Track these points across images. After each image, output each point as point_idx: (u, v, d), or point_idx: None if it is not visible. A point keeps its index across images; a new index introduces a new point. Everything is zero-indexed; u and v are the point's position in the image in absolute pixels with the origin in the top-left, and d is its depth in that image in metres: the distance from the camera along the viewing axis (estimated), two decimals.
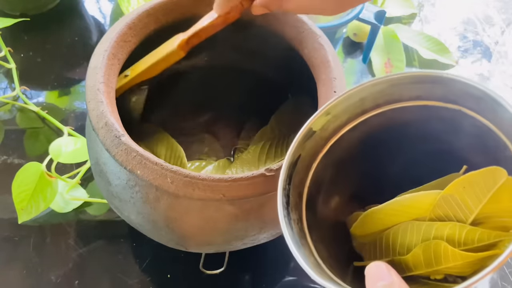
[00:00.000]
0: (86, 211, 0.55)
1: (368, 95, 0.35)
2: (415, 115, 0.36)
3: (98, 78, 0.39)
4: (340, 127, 0.37)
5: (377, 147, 0.38)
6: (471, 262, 0.31)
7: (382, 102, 0.36)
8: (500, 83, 0.72)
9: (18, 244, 0.53)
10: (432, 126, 0.36)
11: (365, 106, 0.36)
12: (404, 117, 0.36)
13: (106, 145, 0.36)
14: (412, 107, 0.36)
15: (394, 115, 0.36)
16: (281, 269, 0.53)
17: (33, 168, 0.52)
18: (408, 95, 0.35)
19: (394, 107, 0.36)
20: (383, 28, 0.71)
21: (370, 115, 0.36)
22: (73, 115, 0.63)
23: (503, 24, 0.80)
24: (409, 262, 0.34)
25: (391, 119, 0.37)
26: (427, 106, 0.35)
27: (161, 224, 0.39)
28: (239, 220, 0.38)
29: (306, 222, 0.35)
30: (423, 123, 0.36)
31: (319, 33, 0.44)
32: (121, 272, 0.51)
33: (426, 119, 0.36)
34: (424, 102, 0.35)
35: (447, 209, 0.33)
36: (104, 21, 0.75)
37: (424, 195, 0.34)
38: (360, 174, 0.40)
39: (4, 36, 0.65)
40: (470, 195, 0.31)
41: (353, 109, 0.36)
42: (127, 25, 0.42)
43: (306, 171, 0.36)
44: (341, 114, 0.36)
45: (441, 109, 0.35)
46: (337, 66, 0.42)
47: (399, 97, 0.35)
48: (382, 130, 0.37)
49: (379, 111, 0.36)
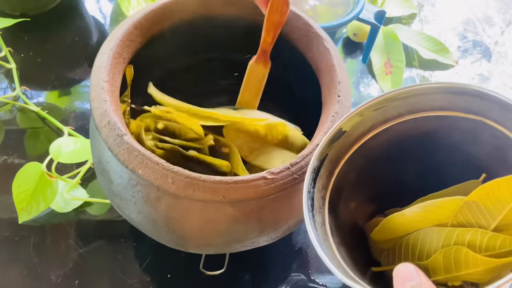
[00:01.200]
0: (86, 211, 0.55)
1: (390, 104, 0.36)
2: (436, 124, 0.36)
3: (102, 76, 0.39)
4: (364, 134, 0.37)
5: (398, 155, 0.39)
6: (491, 268, 0.31)
7: (404, 112, 0.36)
8: (500, 83, 0.72)
9: (18, 244, 0.53)
10: (453, 135, 0.36)
11: (387, 115, 0.36)
12: (425, 126, 0.37)
13: (109, 143, 0.36)
14: (434, 117, 0.36)
15: (416, 124, 0.37)
16: (281, 271, 0.53)
17: (33, 168, 0.52)
18: (430, 105, 0.35)
19: (416, 116, 0.36)
20: (383, 28, 0.72)
21: (393, 123, 0.37)
22: (73, 115, 0.63)
23: (503, 24, 0.80)
24: (428, 267, 0.34)
25: (413, 128, 0.37)
26: (448, 116, 0.35)
27: (162, 224, 0.39)
28: (239, 222, 0.38)
29: (329, 226, 0.35)
30: (444, 132, 0.37)
31: (325, 36, 0.44)
32: (121, 272, 0.51)
33: (447, 128, 0.36)
34: (446, 112, 0.35)
35: (470, 215, 0.33)
36: (104, 21, 0.75)
37: (448, 201, 0.34)
38: (380, 181, 0.40)
39: (4, 36, 0.65)
40: (493, 201, 0.32)
41: (377, 117, 0.36)
42: (133, 25, 0.42)
43: (329, 176, 0.36)
44: (366, 121, 0.36)
45: (462, 120, 0.35)
46: (342, 70, 0.42)
47: (422, 107, 0.36)
48: (403, 138, 0.38)
49: (401, 120, 0.37)
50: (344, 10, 0.62)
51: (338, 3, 0.63)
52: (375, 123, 0.37)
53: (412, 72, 0.72)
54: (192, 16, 0.45)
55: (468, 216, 0.33)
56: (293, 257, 0.54)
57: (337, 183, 0.37)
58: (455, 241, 0.33)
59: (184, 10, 0.44)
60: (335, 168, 0.36)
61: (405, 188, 0.38)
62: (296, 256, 0.54)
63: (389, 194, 0.39)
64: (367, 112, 0.36)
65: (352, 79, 0.71)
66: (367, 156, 0.38)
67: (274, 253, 0.53)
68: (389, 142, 0.38)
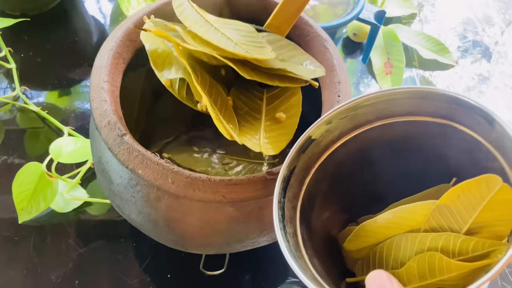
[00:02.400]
0: (86, 211, 0.55)
1: (359, 111, 0.35)
2: (405, 130, 0.36)
3: (102, 76, 0.39)
4: (333, 141, 0.37)
5: (369, 162, 0.38)
6: (465, 273, 0.31)
7: (373, 118, 0.36)
8: (500, 83, 0.72)
9: (18, 244, 0.53)
10: (422, 140, 0.36)
11: (356, 122, 0.36)
12: (394, 132, 0.37)
13: (109, 144, 0.36)
14: (402, 122, 0.36)
15: (385, 130, 0.37)
16: (281, 271, 0.53)
17: (33, 168, 0.52)
18: (399, 111, 0.35)
19: (385, 122, 0.36)
20: (383, 28, 0.72)
21: (362, 130, 0.37)
22: (73, 115, 0.63)
23: (503, 24, 0.80)
24: (403, 275, 0.33)
25: (382, 134, 0.37)
26: (417, 121, 0.35)
27: (162, 224, 0.39)
28: (239, 222, 0.38)
29: (301, 236, 0.34)
30: (413, 138, 0.36)
31: (325, 36, 0.44)
32: (121, 272, 0.52)
33: (416, 133, 0.36)
34: (415, 117, 0.35)
35: (442, 219, 0.33)
36: (104, 21, 0.75)
37: (419, 206, 0.33)
38: (352, 189, 0.40)
39: (4, 36, 0.65)
40: (464, 204, 0.31)
41: (345, 124, 0.36)
42: (133, 24, 0.42)
43: (300, 185, 0.36)
44: (334, 129, 0.36)
45: (430, 124, 0.35)
46: (342, 70, 0.42)
47: (391, 113, 0.36)
48: (373, 145, 0.38)
49: (370, 126, 0.36)
50: (344, 10, 0.62)
51: (338, 3, 0.63)
52: (344, 130, 0.36)
53: (412, 72, 0.73)
54: None
55: (440, 220, 0.33)
56: None
57: (309, 193, 0.36)
58: (429, 247, 0.32)
59: None
60: (306, 177, 0.36)
61: (378, 195, 0.38)
62: None
63: (362, 202, 0.39)
64: (335, 119, 0.35)
65: (352, 79, 0.72)
66: (338, 164, 0.37)
67: (274, 253, 0.53)
68: (359, 149, 0.37)
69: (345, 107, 0.35)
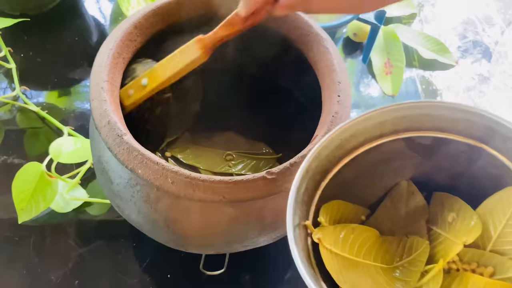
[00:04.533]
0: (86, 211, 0.55)
1: (388, 119, 0.35)
2: (431, 145, 0.36)
3: (102, 76, 0.39)
4: (356, 147, 0.36)
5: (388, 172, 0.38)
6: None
7: (401, 129, 0.35)
8: (500, 83, 0.72)
9: (18, 244, 0.53)
10: (448, 157, 0.36)
11: (383, 130, 0.35)
12: (419, 146, 0.36)
13: (108, 143, 0.36)
14: (431, 138, 0.35)
15: (410, 143, 0.36)
16: (281, 271, 0.53)
17: (33, 168, 0.52)
18: (429, 125, 0.35)
19: (412, 135, 0.35)
20: (383, 28, 0.71)
21: (387, 140, 0.36)
22: (73, 115, 0.63)
23: (503, 24, 0.80)
24: None
25: (407, 147, 0.36)
26: (446, 139, 0.35)
27: (161, 224, 0.39)
28: (239, 222, 0.38)
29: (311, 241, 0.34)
30: (438, 154, 0.36)
31: (325, 36, 0.44)
32: (121, 272, 0.51)
33: (442, 150, 0.35)
34: (445, 134, 0.35)
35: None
36: (104, 21, 0.75)
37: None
38: (367, 197, 0.39)
39: (4, 36, 0.65)
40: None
41: (372, 131, 0.35)
42: (133, 25, 0.42)
43: (315, 188, 0.35)
44: (359, 134, 0.35)
45: (460, 144, 0.34)
46: (342, 70, 0.42)
47: (419, 126, 0.35)
48: (395, 157, 0.37)
49: (396, 137, 0.36)
50: None
51: None
52: (369, 137, 0.36)
53: (412, 72, 0.72)
54: (190, 16, 0.45)
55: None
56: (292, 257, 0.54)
57: (324, 196, 0.36)
58: None
59: (183, 10, 0.44)
60: (322, 180, 0.35)
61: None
62: None
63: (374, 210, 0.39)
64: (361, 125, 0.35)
65: (352, 79, 0.71)
66: (357, 171, 0.37)
67: (274, 253, 0.53)
68: (380, 159, 0.37)
69: (375, 113, 0.34)
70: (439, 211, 0.38)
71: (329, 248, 0.33)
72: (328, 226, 0.35)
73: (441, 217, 0.37)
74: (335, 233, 0.35)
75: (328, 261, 0.33)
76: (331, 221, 0.36)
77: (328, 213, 0.35)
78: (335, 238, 0.34)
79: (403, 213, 0.39)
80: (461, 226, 0.35)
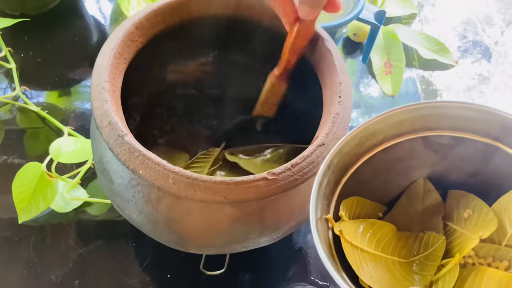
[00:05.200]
0: (86, 211, 0.55)
1: (407, 118, 0.35)
2: (448, 144, 0.36)
3: (103, 76, 0.39)
4: (375, 145, 0.37)
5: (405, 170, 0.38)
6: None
7: (419, 128, 0.36)
8: (500, 83, 0.72)
9: (18, 244, 0.53)
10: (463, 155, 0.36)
11: (402, 129, 0.36)
12: (436, 145, 0.37)
13: (110, 144, 0.36)
14: (448, 137, 0.36)
15: (427, 142, 0.37)
16: (281, 271, 0.53)
17: (33, 168, 0.52)
18: (446, 125, 0.35)
19: (429, 134, 0.36)
20: (383, 28, 0.71)
21: (405, 138, 0.36)
22: (73, 115, 0.63)
23: (503, 24, 0.80)
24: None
25: (424, 145, 0.37)
26: (463, 138, 0.35)
27: (162, 224, 0.39)
28: (240, 223, 0.38)
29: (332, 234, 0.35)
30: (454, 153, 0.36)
31: (326, 37, 0.44)
32: (121, 272, 0.51)
33: (459, 149, 0.36)
34: (462, 133, 0.35)
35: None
36: (104, 21, 0.75)
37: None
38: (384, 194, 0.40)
39: (4, 36, 0.65)
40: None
41: (390, 130, 0.36)
42: (134, 25, 0.42)
43: (337, 183, 0.36)
44: (379, 133, 0.36)
45: (477, 143, 0.35)
46: (343, 70, 0.42)
47: (437, 125, 0.35)
48: (411, 155, 0.37)
49: (414, 136, 0.36)
50: (344, 10, 0.62)
51: None
52: (388, 136, 0.36)
53: (412, 72, 0.72)
54: (192, 16, 0.45)
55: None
56: (293, 258, 0.54)
57: (344, 192, 0.36)
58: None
59: (185, 10, 0.44)
60: (343, 176, 0.36)
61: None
62: (296, 256, 0.54)
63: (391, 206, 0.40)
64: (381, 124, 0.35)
65: (352, 79, 0.71)
66: (375, 168, 0.37)
67: (274, 254, 0.53)
68: (397, 157, 0.37)
69: (395, 112, 0.35)
70: (455, 208, 0.38)
71: (349, 241, 0.34)
72: (348, 220, 0.36)
73: (457, 214, 0.38)
74: (354, 227, 0.36)
75: (349, 253, 0.34)
76: (350, 216, 0.37)
77: (348, 208, 0.36)
78: (355, 232, 0.35)
79: (419, 210, 0.39)
80: (477, 222, 0.36)
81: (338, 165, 0.35)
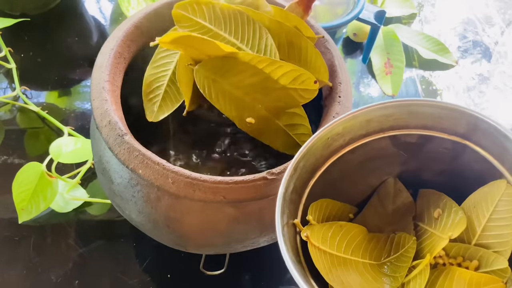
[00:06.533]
0: (86, 211, 0.55)
1: (374, 118, 0.35)
2: (416, 143, 0.36)
3: (103, 76, 0.39)
4: (342, 146, 0.36)
5: (374, 170, 0.38)
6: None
7: (386, 127, 0.36)
8: (500, 83, 0.72)
9: (18, 244, 0.53)
10: (432, 154, 0.36)
11: (369, 129, 0.36)
12: (404, 144, 0.36)
13: (109, 143, 0.36)
14: (416, 135, 0.36)
15: (396, 141, 0.36)
16: (281, 271, 0.53)
17: (33, 168, 0.52)
18: (414, 123, 0.35)
19: (397, 133, 0.36)
20: (383, 28, 0.72)
21: (372, 138, 0.36)
22: (73, 115, 0.63)
23: (503, 24, 0.80)
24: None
25: (392, 144, 0.37)
26: (431, 136, 0.35)
27: (162, 224, 0.39)
28: (239, 223, 0.38)
29: (300, 239, 0.34)
30: (422, 151, 0.36)
31: (326, 37, 0.44)
32: (121, 272, 0.51)
33: (427, 147, 0.36)
34: (430, 132, 0.35)
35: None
36: (104, 21, 0.75)
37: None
38: (353, 195, 0.40)
39: (4, 36, 0.65)
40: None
41: (357, 130, 0.36)
42: (134, 25, 0.42)
43: (304, 187, 0.36)
44: (346, 133, 0.36)
45: (445, 141, 0.35)
46: (343, 70, 0.42)
47: (405, 124, 0.35)
48: (380, 155, 0.37)
49: (381, 135, 0.36)
50: (344, 10, 0.62)
51: (338, 3, 0.63)
52: (355, 136, 0.36)
53: (412, 72, 0.73)
54: None
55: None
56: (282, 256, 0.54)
57: (312, 195, 0.36)
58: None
59: None
60: (311, 179, 0.36)
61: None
62: None
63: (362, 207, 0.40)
64: (349, 123, 0.35)
65: (352, 79, 0.72)
66: (342, 170, 0.37)
67: (274, 253, 0.53)
68: (366, 157, 0.37)
69: (362, 112, 0.34)
70: (425, 207, 0.38)
71: (317, 246, 0.34)
72: (316, 224, 0.35)
73: (428, 213, 0.38)
74: (323, 231, 0.35)
75: (317, 258, 0.33)
76: (319, 220, 0.36)
77: (316, 212, 0.36)
78: (324, 235, 0.35)
79: (390, 210, 0.39)
80: (447, 222, 0.36)
81: (304, 168, 0.34)
